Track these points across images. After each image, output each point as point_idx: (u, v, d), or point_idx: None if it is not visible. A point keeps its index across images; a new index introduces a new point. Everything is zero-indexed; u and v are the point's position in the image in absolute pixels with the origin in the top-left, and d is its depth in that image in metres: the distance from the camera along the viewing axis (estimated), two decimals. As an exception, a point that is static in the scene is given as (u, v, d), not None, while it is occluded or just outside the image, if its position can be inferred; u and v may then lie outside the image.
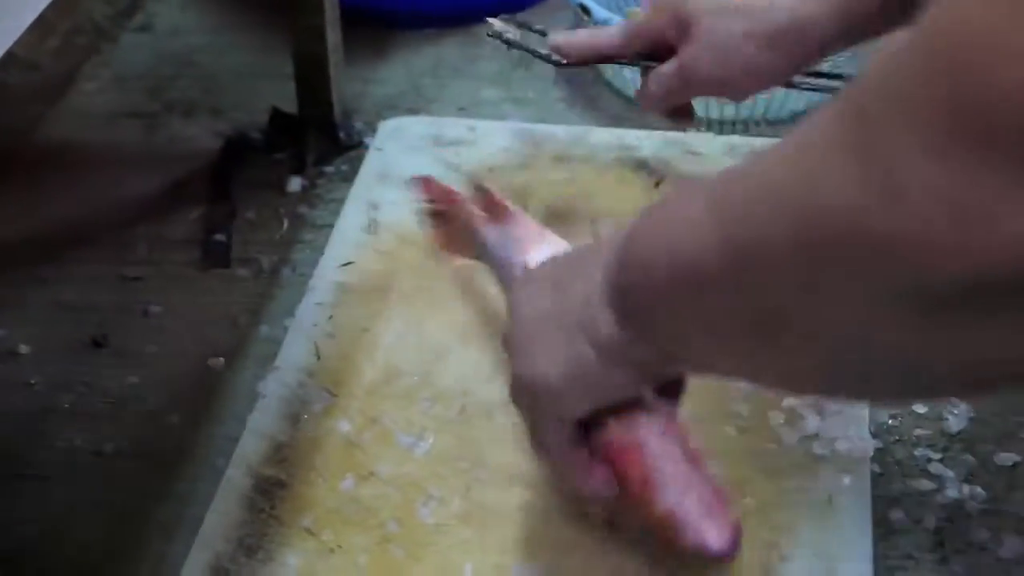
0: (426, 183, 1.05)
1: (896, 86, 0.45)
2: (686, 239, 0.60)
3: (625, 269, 0.67)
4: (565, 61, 1.02)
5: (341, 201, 1.18)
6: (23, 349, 1.07)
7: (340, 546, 0.87)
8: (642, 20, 1.00)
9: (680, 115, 1.02)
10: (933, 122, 0.43)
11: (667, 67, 0.96)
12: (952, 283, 0.44)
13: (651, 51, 0.99)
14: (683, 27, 0.95)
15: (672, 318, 0.64)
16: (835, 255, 0.48)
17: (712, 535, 0.73)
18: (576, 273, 0.72)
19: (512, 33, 1.06)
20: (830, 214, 0.48)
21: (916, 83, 0.43)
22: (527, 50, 1.05)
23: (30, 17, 0.87)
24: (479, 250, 0.96)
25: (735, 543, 0.74)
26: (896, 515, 0.89)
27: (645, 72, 1.00)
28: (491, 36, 1.06)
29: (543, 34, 1.05)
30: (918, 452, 0.94)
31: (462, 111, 1.33)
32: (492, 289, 1.04)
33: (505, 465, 0.92)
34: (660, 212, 0.66)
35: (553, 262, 0.79)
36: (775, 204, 0.52)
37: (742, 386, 0.96)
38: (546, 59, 1.03)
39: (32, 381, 1.04)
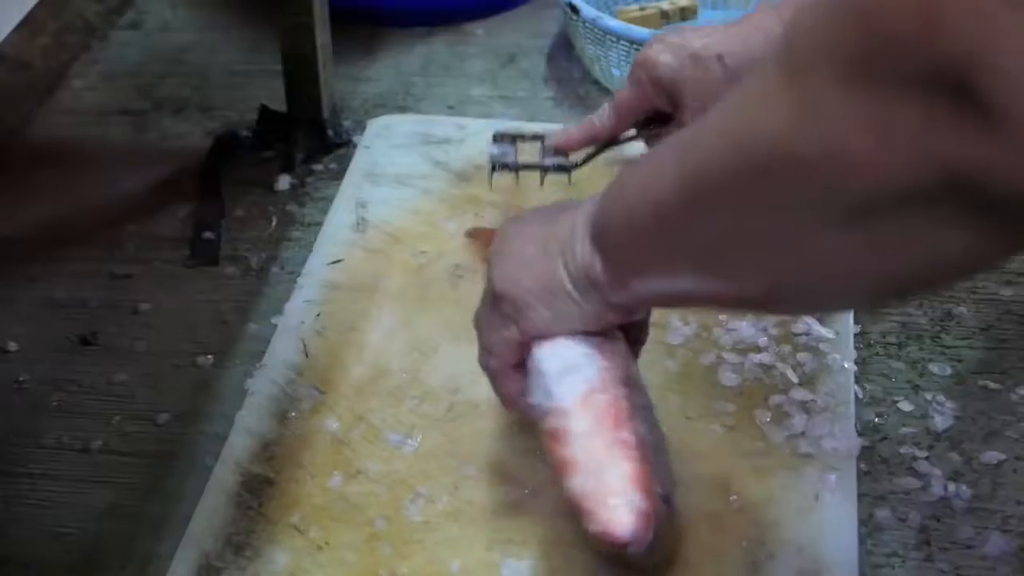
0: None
1: (815, 30, 0.51)
2: (652, 176, 0.67)
3: (604, 202, 0.73)
4: (577, 161, 1.04)
5: (330, 199, 1.18)
6: (12, 347, 1.07)
7: (328, 543, 0.87)
8: (626, 96, 1.01)
9: None
10: (845, 55, 0.49)
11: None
12: (866, 193, 0.51)
13: (647, 120, 1.01)
14: (670, 93, 0.97)
15: (638, 250, 0.70)
16: (768, 175, 0.54)
17: (617, 522, 0.73)
18: (566, 208, 0.78)
19: (511, 156, 1.06)
20: (763, 140, 0.54)
21: (831, 25, 0.50)
22: (537, 168, 1.05)
23: (19, 15, 0.87)
24: None
25: (642, 530, 0.73)
26: (882, 513, 0.90)
27: (650, 141, 1.01)
28: (496, 170, 1.06)
29: (540, 139, 1.05)
30: (904, 450, 0.94)
31: (451, 109, 1.33)
32: (479, 287, 1.05)
33: (493, 463, 0.92)
34: (642, 158, 0.75)
35: (547, 207, 0.83)
36: (719, 136, 0.60)
37: (729, 385, 0.97)
38: (560, 169, 1.04)
39: (21, 379, 1.04)
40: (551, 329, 0.78)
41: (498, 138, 1.07)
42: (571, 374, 0.78)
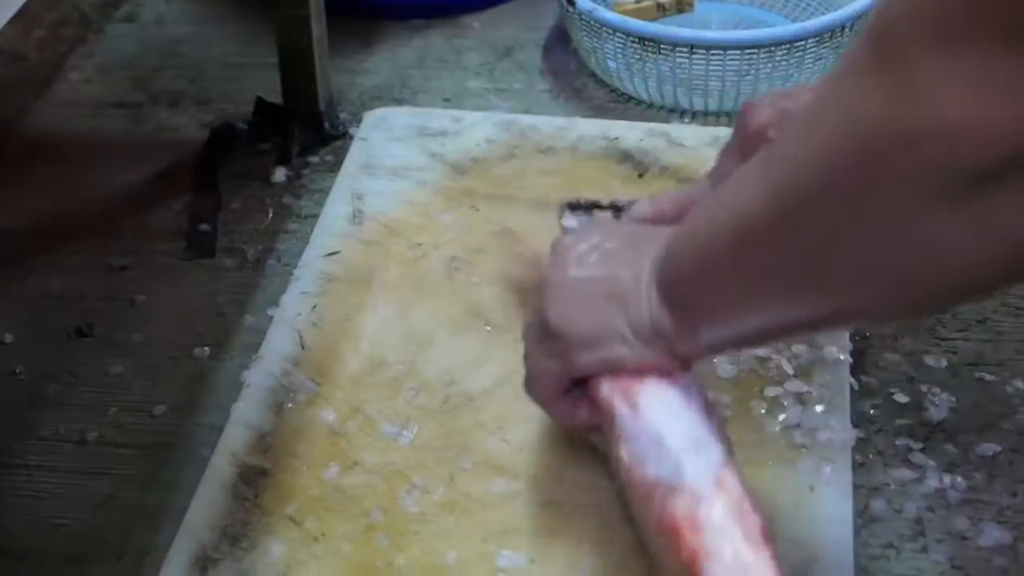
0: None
1: (902, 5, 0.49)
2: (729, 204, 0.63)
3: (672, 247, 0.69)
4: None
5: (326, 191, 1.18)
6: (8, 338, 1.07)
7: (324, 534, 0.87)
8: (726, 161, 0.92)
9: None
10: (937, 20, 0.47)
11: None
12: (975, 161, 0.48)
13: None
14: None
15: (713, 291, 0.66)
16: (872, 166, 0.52)
17: None
18: (632, 247, 0.74)
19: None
20: (861, 129, 0.51)
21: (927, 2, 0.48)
22: None
23: (14, 7, 0.87)
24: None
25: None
26: (877, 504, 0.90)
27: None
28: None
29: (619, 208, 0.98)
30: (899, 442, 0.94)
31: (447, 102, 1.33)
32: (475, 279, 1.05)
33: (489, 455, 0.92)
34: (711, 196, 0.69)
35: (610, 229, 0.81)
36: (812, 137, 0.56)
37: (725, 376, 0.97)
38: None
39: (17, 370, 1.04)
40: (600, 371, 0.76)
41: (572, 208, 1.00)
42: (703, 452, 0.73)
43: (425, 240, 1.11)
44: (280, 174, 1.23)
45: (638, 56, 1.26)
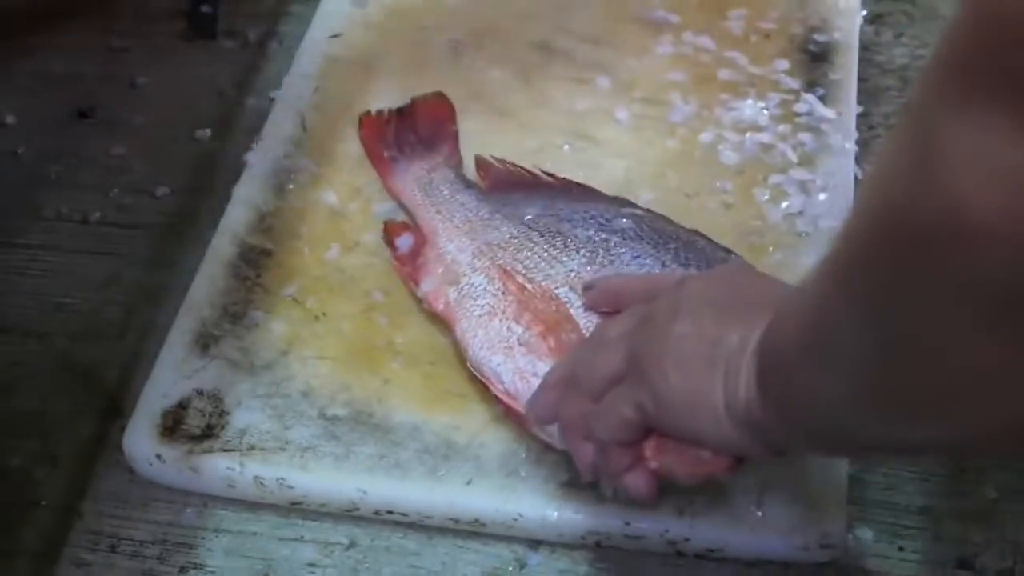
0: None
1: (934, 68, 0.41)
2: (814, 289, 0.55)
3: (769, 332, 0.62)
4: None
5: (330, -28, 1.16)
6: (9, 119, 1.06)
7: (325, 314, 0.88)
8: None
9: None
10: (958, 69, 0.39)
11: None
12: (1012, 272, 0.39)
13: None
14: None
15: (801, 384, 0.58)
16: (907, 256, 0.43)
17: None
18: (743, 315, 0.65)
19: None
20: (895, 213, 0.43)
21: (944, 45, 0.40)
22: None
23: None
24: None
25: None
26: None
27: None
28: None
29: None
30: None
31: None
32: (480, 62, 1.04)
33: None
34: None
35: (731, 282, 0.71)
36: (863, 222, 0.48)
37: (729, 163, 0.96)
38: None
39: (19, 151, 1.03)
40: (672, 433, 0.69)
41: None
42: None
43: (430, 23, 1.09)
44: (283, -46, 1.21)
45: None
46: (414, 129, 0.97)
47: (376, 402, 0.83)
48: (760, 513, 0.77)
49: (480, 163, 0.94)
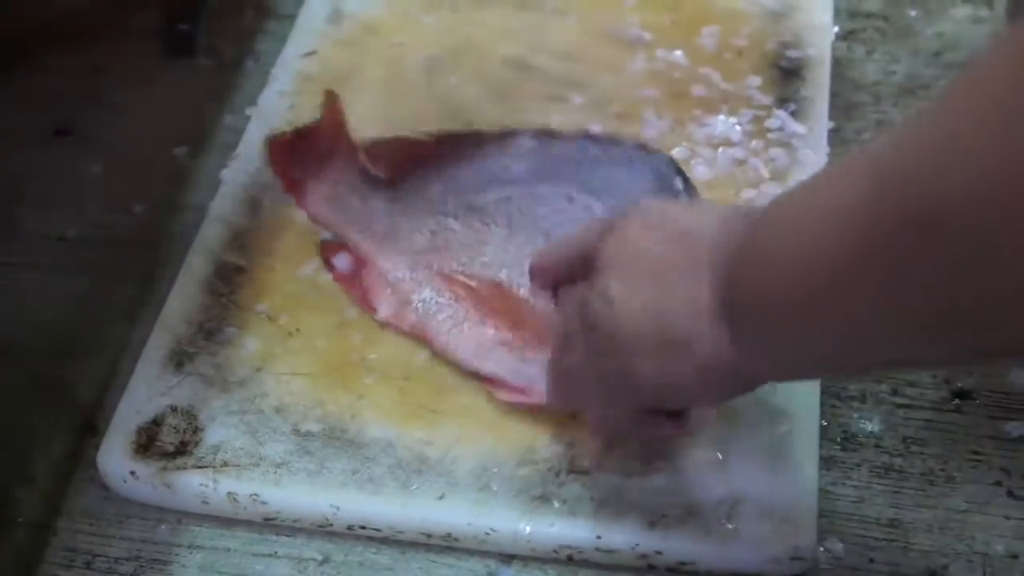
0: None
1: None
2: (835, 223, 0.51)
3: (746, 278, 0.59)
4: None
5: (305, -9, 1.16)
6: (-14, 137, 1.07)
7: (298, 330, 0.88)
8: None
9: None
10: None
11: None
12: None
13: None
14: None
15: (804, 322, 0.56)
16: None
17: None
18: (681, 274, 0.63)
19: None
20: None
21: None
22: None
23: None
24: None
25: None
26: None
27: None
28: None
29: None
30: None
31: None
32: (454, 80, 1.04)
33: (463, 253, 0.93)
34: (788, 205, 0.58)
35: (654, 232, 0.67)
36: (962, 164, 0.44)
37: (702, 178, 0.96)
38: None
39: (-5, 168, 1.04)
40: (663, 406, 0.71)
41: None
42: None
43: (405, 40, 1.09)
44: (259, -28, 1.21)
45: None
46: (312, 142, 0.95)
47: (349, 418, 0.83)
48: (732, 526, 0.77)
49: (369, 155, 0.93)
